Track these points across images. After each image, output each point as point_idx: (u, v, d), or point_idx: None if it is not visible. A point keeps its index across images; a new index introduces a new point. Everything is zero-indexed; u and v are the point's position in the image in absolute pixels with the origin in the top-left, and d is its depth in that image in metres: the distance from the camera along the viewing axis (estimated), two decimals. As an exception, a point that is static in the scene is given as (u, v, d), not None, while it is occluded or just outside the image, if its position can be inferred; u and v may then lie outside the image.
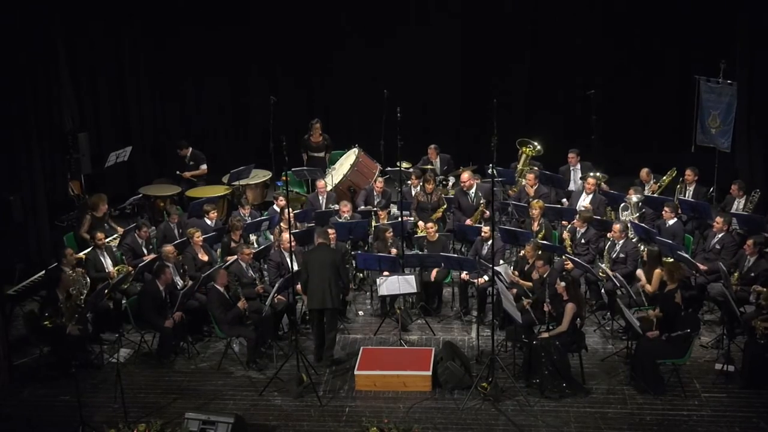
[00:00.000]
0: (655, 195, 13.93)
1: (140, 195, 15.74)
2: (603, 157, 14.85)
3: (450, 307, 13.24)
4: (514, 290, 11.95)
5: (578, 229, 13.09)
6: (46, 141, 14.47)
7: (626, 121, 16.76)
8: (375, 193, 14.40)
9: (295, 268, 11.70)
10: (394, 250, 12.88)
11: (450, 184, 15.11)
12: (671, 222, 13.10)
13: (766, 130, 15.14)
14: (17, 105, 13.68)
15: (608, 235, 12.76)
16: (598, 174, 14.29)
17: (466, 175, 13.74)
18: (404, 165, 14.71)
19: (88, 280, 12.11)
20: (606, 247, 12.67)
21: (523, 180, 14.37)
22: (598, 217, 13.35)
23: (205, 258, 12.88)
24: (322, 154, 15.88)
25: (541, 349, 11.03)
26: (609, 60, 16.67)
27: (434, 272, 12.77)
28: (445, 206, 13.89)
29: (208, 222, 13.64)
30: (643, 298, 11.65)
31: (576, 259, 12.63)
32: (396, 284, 12.15)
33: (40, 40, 14.27)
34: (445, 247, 13.07)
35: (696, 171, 14.02)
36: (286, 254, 11.95)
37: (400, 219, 13.23)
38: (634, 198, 13.10)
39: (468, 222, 13.38)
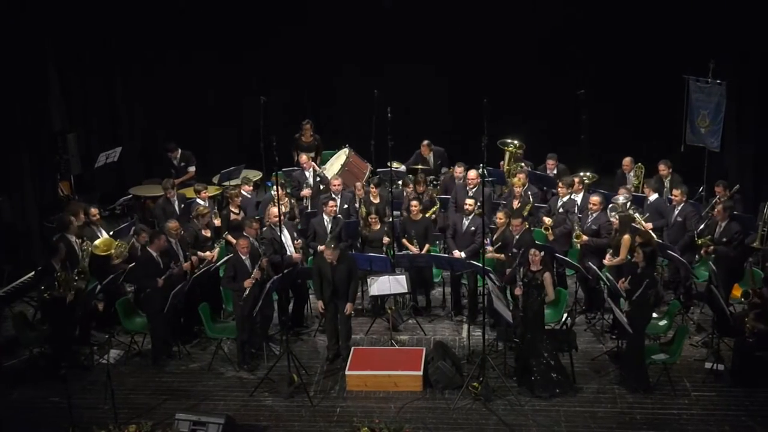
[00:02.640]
0: (640, 188, 14.09)
1: (130, 196, 15.69)
2: (592, 157, 14.87)
3: (441, 307, 13.26)
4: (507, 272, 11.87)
5: (560, 197, 13.22)
6: (35, 142, 14.45)
7: (615, 121, 16.77)
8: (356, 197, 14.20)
9: (288, 243, 12.02)
10: (386, 239, 12.84)
11: (442, 178, 15.07)
12: (652, 198, 13.29)
13: (755, 130, 15.16)
14: (5, 106, 13.63)
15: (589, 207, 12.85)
16: (583, 173, 14.37)
17: (473, 173, 13.68)
18: (395, 165, 14.71)
19: (89, 250, 12.11)
20: (576, 218, 12.79)
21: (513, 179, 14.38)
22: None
23: (208, 234, 12.84)
24: (312, 155, 15.81)
25: (532, 351, 11.09)
26: (598, 59, 16.66)
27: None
28: (437, 206, 13.86)
29: (201, 202, 13.58)
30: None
31: (566, 258, 12.67)
32: (387, 284, 12.17)
33: (28, 41, 14.22)
34: (428, 227, 13.08)
35: (669, 164, 14.07)
36: (278, 230, 11.91)
37: (391, 219, 13.24)
38: (621, 198, 13.16)
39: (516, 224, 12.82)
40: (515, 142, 15.08)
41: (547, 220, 13.23)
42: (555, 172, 14.76)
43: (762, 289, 11.40)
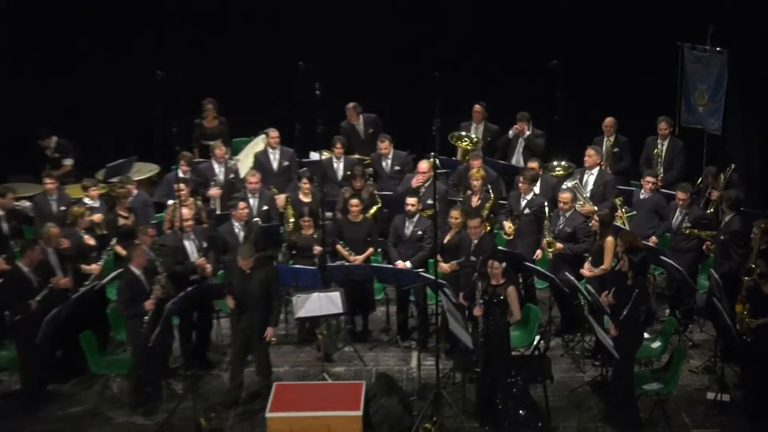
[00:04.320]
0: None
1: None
2: (568, 141, 14.93)
3: (384, 331, 13.29)
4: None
5: (522, 194, 13.36)
6: None
7: (595, 98, 16.80)
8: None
9: (193, 256, 12.09)
10: (317, 248, 12.85)
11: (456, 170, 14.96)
12: (646, 195, 13.49)
13: (764, 107, 15.42)
14: None
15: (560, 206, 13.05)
16: (557, 162, 14.50)
17: (424, 165, 13.83)
18: (325, 154, 14.66)
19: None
20: (546, 220, 12.91)
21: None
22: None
23: (92, 242, 12.72)
24: (219, 144, 15.72)
25: (496, 383, 11.12)
26: (573, 23, 16.74)
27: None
28: (379, 205, 13.91)
29: (88, 201, 13.45)
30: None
31: (536, 267, 12.72)
32: (317, 303, 12.10)
33: None
34: (371, 230, 13.18)
35: (671, 122, 14.42)
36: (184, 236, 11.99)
37: (321, 222, 13.15)
38: (568, 183, 13.54)
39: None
40: (472, 136, 15.28)
41: (508, 225, 13.32)
42: (525, 134, 15.14)
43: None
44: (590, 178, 14.05)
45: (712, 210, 13.33)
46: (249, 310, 11.61)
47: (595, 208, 13.39)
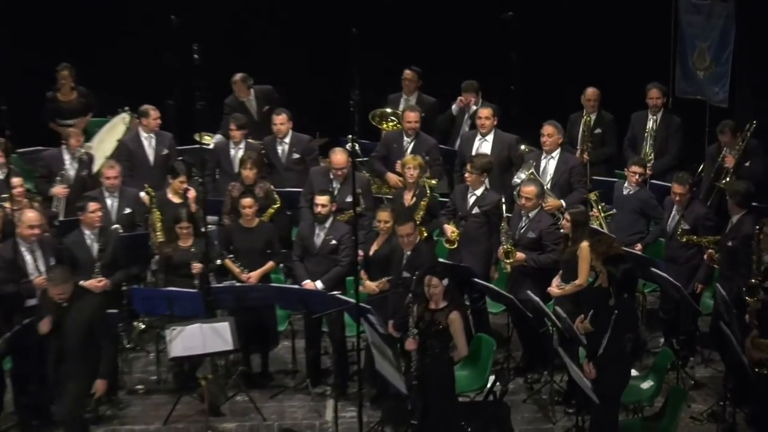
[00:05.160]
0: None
1: None
2: (527, 119, 14.90)
3: (290, 373, 13.27)
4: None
5: (470, 189, 13.47)
6: None
7: (564, 63, 16.86)
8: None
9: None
10: (197, 264, 12.80)
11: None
12: (631, 190, 13.63)
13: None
14: None
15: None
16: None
17: (340, 158, 13.91)
18: (206, 139, 14.77)
19: None
20: (504, 222, 12.99)
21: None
22: None
23: None
24: (78, 122, 15.80)
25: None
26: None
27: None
28: (277, 204, 13.98)
29: None
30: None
31: (489, 285, 12.74)
32: (199, 338, 12.03)
33: None
34: (270, 238, 13.23)
35: (664, 90, 14.83)
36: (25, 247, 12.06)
37: (204, 229, 13.13)
38: (521, 175, 13.77)
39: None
40: (398, 112, 15.48)
41: (451, 230, 13.27)
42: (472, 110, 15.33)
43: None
44: (550, 163, 14.09)
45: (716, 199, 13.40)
46: (65, 356, 11.41)
47: (562, 202, 13.46)
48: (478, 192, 13.41)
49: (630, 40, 16.61)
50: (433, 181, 13.94)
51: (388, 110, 15.53)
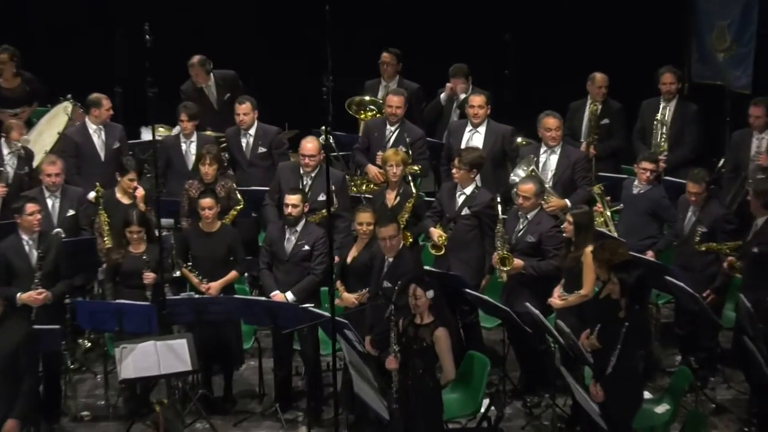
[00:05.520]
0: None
1: None
2: (523, 109, 14.86)
3: (256, 398, 13.30)
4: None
5: (459, 187, 13.47)
6: None
7: (563, 43, 16.84)
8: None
9: None
10: (149, 275, 12.80)
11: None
12: (641, 189, 13.64)
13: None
14: None
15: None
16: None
17: (310, 145, 13.93)
18: (161, 130, 14.88)
19: None
20: (499, 224, 12.97)
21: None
22: None
23: None
24: (21, 112, 15.87)
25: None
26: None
27: None
28: (241, 206, 14.03)
29: None
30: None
31: (482, 296, 12.72)
32: (152, 357, 11.97)
33: None
34: (233, 244, 13.26)
35: (679, 75, 14.83)
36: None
37: (158, 233, 12.98)
38: (520, 170, 13.85)
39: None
40: (379, 101, 15.49)
41: (438, 233, 13.26)
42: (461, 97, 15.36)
43: None
44: (551, 158, 14.12)
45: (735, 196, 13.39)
46: None
47: (567, 202, 13.37)
48: (468, 190, 13.38)
49: (639, 18, 16.64)
50: (416, 167, 14.03)
51: (367, 98, 15.49)
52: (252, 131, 14.91)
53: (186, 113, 14.76)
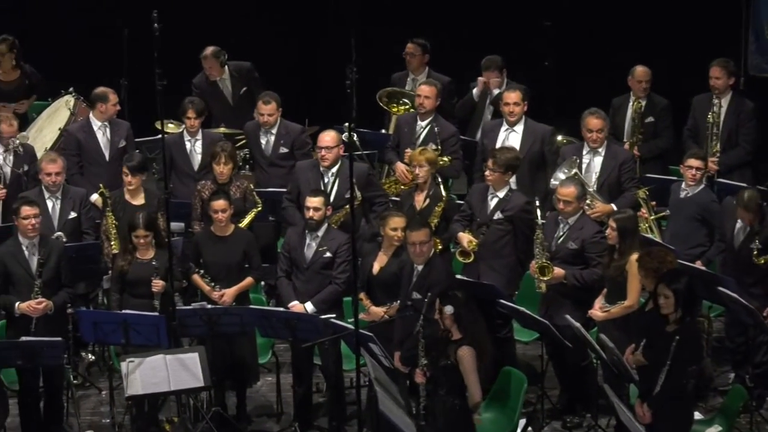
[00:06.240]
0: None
1: None
2: (567, 105, 14.85)
3: (273, 416, 13.35)
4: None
5: (491, 189, 13.43)
6: None
7: (608, 34, 16.83)
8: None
9: None
10: (158, 283, 12.74)
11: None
12: (690, 192, 13.67)
13: None
14: None
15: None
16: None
17: (328, 137, 13.92)
18: (170, 127, 15.08)
19: None
20: (538, 230, 12.90)
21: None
22: None
23: None
24: (19, 105, 16.13)
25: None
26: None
27: None
28: (259, 208, 14.05)
29: None
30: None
31: (517, 307, 12.67)
32: (162, 372, 11.96)
33: None
34: (249, 250, 13.18)
35: (733, 69, 14.89)
36: None
37: (167, 238, 13.00)
38: (561, 173, 13.89)
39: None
40: (411, 93, 15.59)
41: (468, 239, 13.18)
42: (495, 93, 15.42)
43: None
44: (596, 160, 14.11)
45: None
46: None
47: (613, 206, 13.29)
48: (501, 194, 13.32)
49: (691, 7, 16.61)
50: (445, 158, 14.01)
51: (396, 90, 15.40)
52: (274, 129, 14.90)
53: (193, 109, 14.70)
